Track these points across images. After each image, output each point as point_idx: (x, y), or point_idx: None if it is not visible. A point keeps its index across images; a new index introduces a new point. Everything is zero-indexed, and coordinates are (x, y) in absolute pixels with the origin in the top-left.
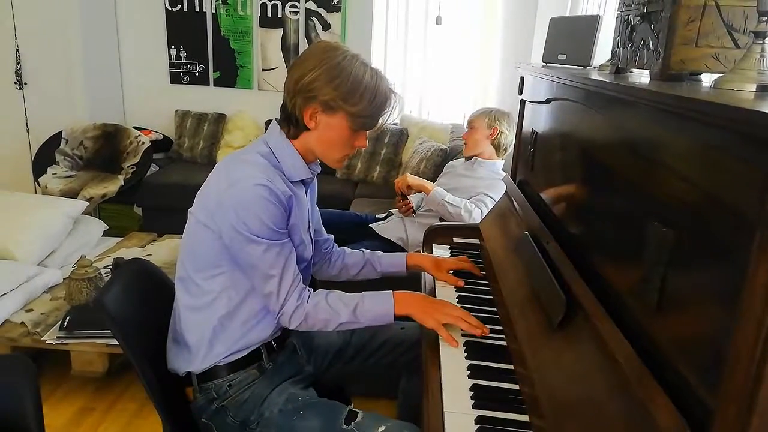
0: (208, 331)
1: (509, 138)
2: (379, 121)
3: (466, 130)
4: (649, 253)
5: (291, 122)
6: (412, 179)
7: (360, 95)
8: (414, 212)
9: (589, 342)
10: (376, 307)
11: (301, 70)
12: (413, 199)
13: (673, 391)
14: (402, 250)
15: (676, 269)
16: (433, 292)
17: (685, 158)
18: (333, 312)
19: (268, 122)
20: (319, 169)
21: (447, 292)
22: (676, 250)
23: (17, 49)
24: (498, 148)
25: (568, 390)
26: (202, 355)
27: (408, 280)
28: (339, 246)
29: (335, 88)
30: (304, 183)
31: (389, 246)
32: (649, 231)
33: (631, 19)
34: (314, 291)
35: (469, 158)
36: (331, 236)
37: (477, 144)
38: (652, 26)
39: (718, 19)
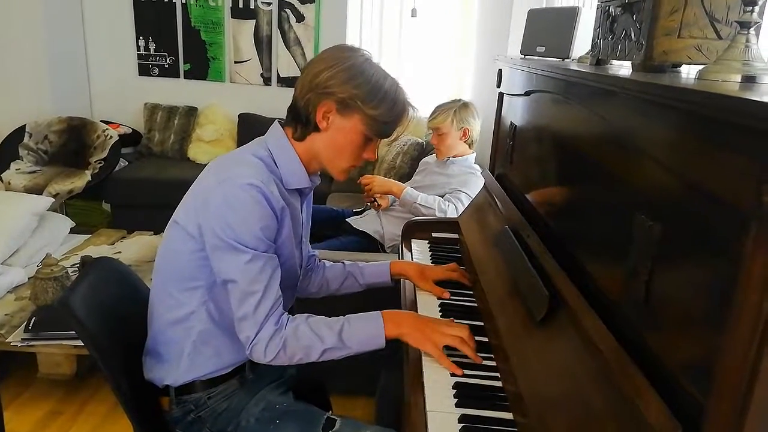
0: (187, 345)
1: (477, 129)
2: (394, 132)
3: (431, 133)
4: (635, 246)
5: (300, 121)
6: (379, 186)
7: (380, 99)
8: (378, 206)
9: (574, 337)
10: (365, 329)
11: (319, 66)
12: (390, 196)
13: (661, 387)
14: (379, 243)
15: (663, 263)
16: (413, 301)
17: (670, 149)
18: (316, 337)
19: (241, 116)
20: (318, 181)
21: (429, 296)
22: (663, 243)
23: None
24: (471, 144)
25: (552, 387)
26: (183, 369)
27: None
28: (318, 241)
29: (355, 87)
30: (301, 193)
31: (366, 239)
32: (635, 224)
33: (612, 9)
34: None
35: None
36: (316, 252)
37: (450, 148)
38: (634, 17)
39: (701, 10)
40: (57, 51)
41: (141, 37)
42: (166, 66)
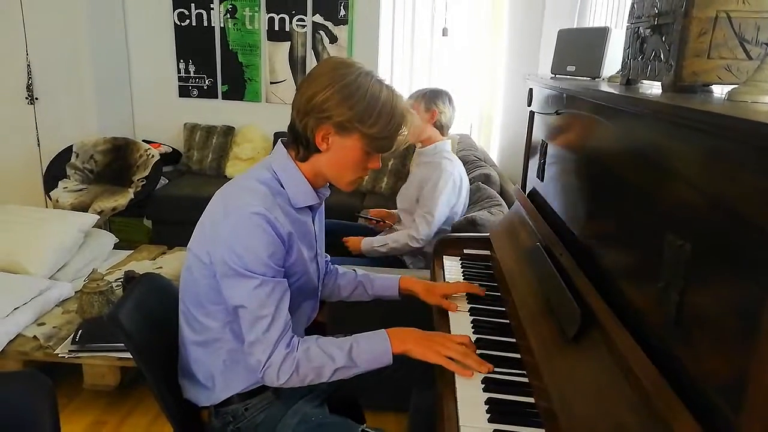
0: (218, 365)
1: (449, 115)
2: (395, 143)
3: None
4: (666, 266)
5: (301, 144)
6: (353, 248)
7: (377, 116)
8: (383, 225)
9: (605, 355)
10: (372, 348)
11: (313, 88)
12: (395, 212)
13: (693, 405)
14: (402, 261)
15: (694, 282)
16: (445, 315)
17: (700, 170)
18: (327, 357)
19: (276, 135)
20: (328, 193)
21: (461, 314)
22: (693, 263)
23: (28, 65)
24: (441, 128)
25: (584, 404)
26: (218, 390)
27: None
28: (351, 257)
29: (350, 108)
30: (311, 208)
31: (389, 259)
32: (666, 243)
33: (642, 31)
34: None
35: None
36: (328, 256)
37: (418, 130)
38: (664, 38)
39: (730, 31)
40: (102, 75)
41: (181, 60)
42: (205, 87)
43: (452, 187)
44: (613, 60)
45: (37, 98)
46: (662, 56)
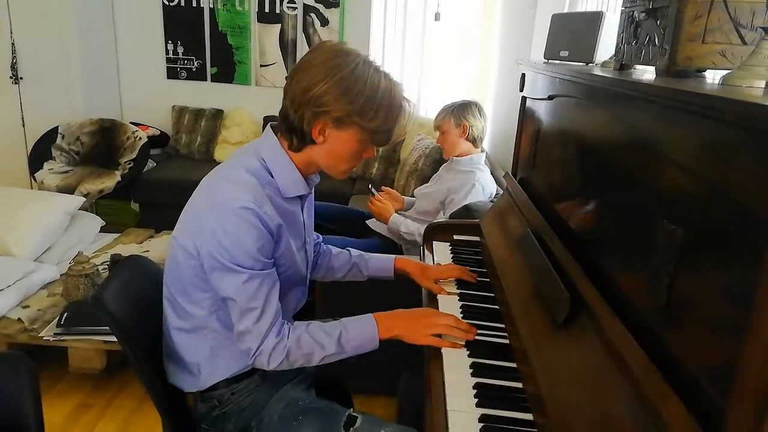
0: (205, 352)
1: (480, 127)
2: (394, 135)
3: (437, 135)
4: (657, 250)
5: (295, 134)
6: (380, 214)
7: (376, 109)
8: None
9: (595, 340)
10: (361, 334)
11: (309, 78)
12: (406, 199)
13: (682, 390)
14: (399, 245)
15: (685, 267)
16: (434, 298)
17: (693, 155)
18: (316, 344)
19: (266, 118)
20: (318, 180)
21: (451, 299)
22: (684, 248)
23: (13, 43)
24: (474, 141)
25: (573, 389)
26: (205, 376)
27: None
28: (347, 238)
29: (349, 102)
30: (300, 197)
31: (384, 241)
32: (656, 228)
33: (636, 15)
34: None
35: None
36: (320, 237)
37: (453, 146)
38: (658, 22)
39: (725, 15)
40: (89, 55)
41: (170, 42)
42: (194, 69)
43: (479, 197)
44: (606, 45)
45: (21, 78)
46: (656, 41)
